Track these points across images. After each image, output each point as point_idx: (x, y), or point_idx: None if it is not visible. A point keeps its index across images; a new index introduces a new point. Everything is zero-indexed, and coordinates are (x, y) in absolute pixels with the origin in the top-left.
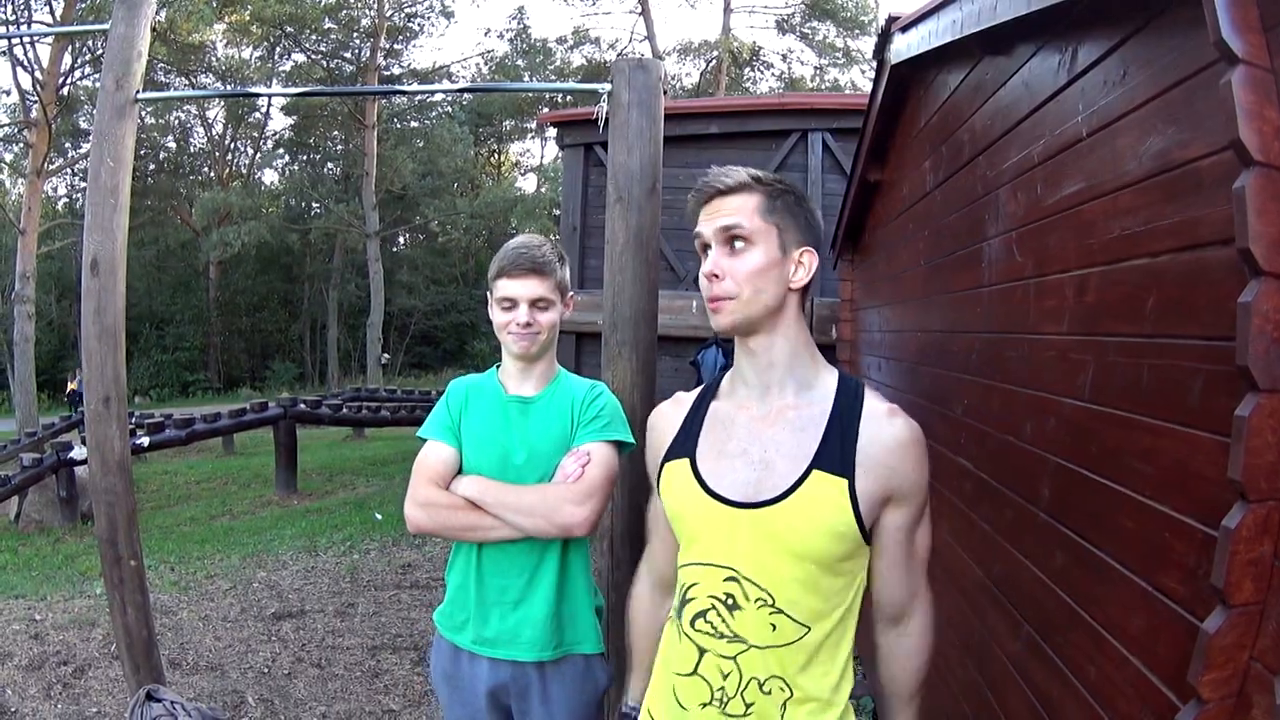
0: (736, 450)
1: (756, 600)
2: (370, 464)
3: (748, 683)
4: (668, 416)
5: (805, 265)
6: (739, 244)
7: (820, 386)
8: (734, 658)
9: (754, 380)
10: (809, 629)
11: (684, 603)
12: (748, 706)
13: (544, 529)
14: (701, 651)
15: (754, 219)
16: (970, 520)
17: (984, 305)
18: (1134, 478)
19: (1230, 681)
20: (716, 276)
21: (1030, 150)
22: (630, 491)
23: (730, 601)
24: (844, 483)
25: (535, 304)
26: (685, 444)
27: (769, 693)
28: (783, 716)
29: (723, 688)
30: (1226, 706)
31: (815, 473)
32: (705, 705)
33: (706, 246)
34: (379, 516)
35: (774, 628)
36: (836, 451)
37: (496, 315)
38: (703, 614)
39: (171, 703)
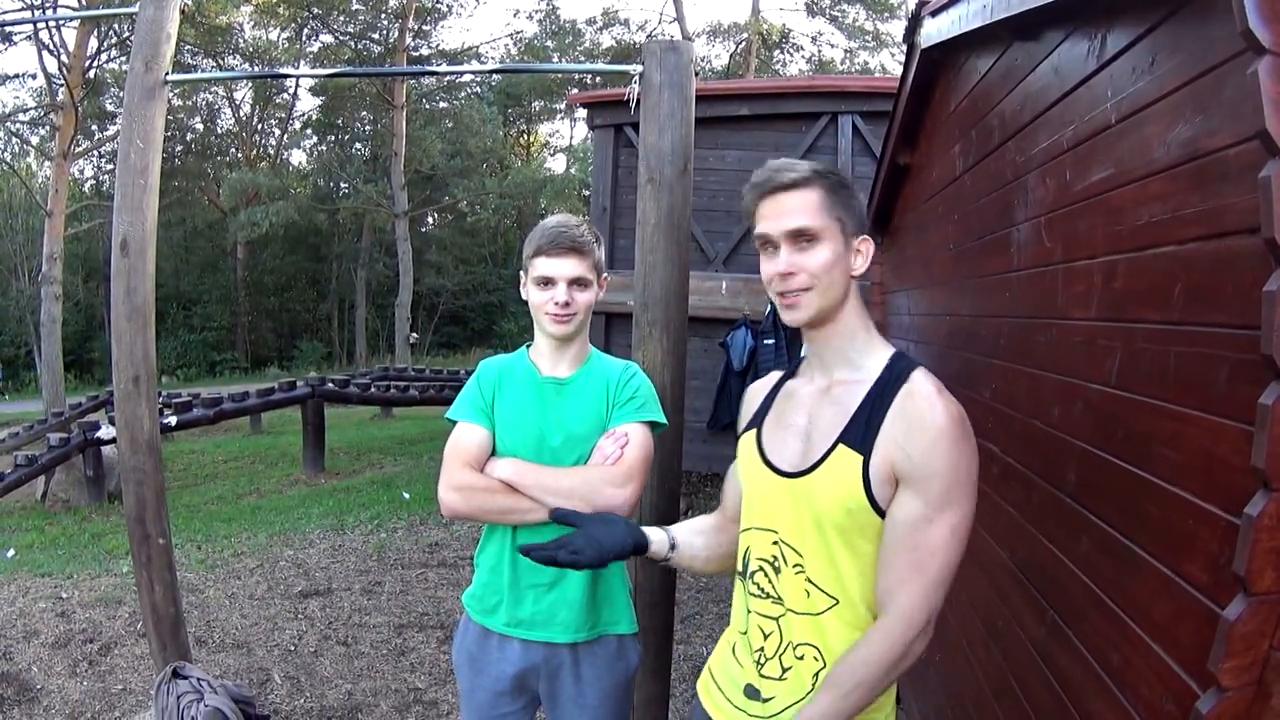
0: (792, 422)
1: (794, 565)
2: (398, 443)
3: (785, 646)
4: (757, 394)
5: (864, 253)
6: (807, 240)
7: (870, 365)
8: (776, 619)
9: (815, 359)
10: (837, 601)
11: (744, 565)
12: (784, 670)
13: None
14: (749, 611)
15: (819, 216)
16: (996, 504)
17: (1013, 290)
18: (1159, 464)
19: (1250, 669)
20: (791, 274)
21: (1059, 136)
22: (662, 472)
23: (775, 565)
24: (860, 459)
25: (573, 283)
26: (759, 416)
27: (802, 658)
28: (815, 685)
29: (762, 648)
30: (1246, 694)
31: (840, 447)
32: (753, 664)
33: (768, 244)
34: (406, 495)
35: (808, 594)
36: (861, 428)
37: (533, 294)
38: (752, 575)
39: (198, 680)
